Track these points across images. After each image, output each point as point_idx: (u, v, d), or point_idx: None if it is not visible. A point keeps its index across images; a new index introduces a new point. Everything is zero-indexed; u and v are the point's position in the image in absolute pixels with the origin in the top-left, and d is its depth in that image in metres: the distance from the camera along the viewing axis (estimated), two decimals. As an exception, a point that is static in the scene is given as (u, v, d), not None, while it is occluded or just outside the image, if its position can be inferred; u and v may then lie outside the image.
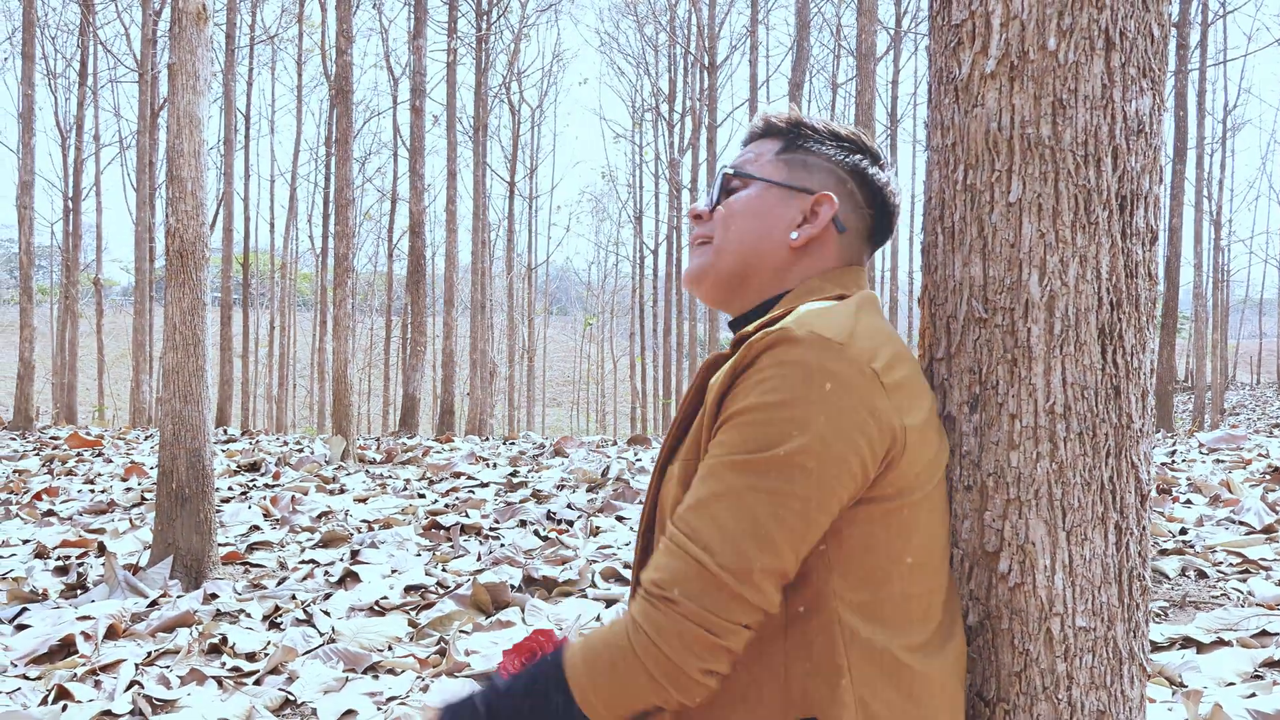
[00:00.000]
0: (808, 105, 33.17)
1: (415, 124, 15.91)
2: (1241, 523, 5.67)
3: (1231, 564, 4.89)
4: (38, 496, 8.12)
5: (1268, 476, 7.38)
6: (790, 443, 1.23)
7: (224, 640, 4.24)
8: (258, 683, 3.85)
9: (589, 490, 7.72)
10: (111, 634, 4.40)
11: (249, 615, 4.66)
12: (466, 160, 27.97)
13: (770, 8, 27.47)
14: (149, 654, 4.15)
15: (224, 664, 4.05)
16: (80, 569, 5.55)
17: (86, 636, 4.23)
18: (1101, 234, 1.38)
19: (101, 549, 6.01)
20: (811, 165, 1.53)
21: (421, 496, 7.87)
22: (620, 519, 6.63)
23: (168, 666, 4.04)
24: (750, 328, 1.40)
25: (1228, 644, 3.85)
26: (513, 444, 12.30)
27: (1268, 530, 5.47)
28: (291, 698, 3.67)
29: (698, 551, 1.24)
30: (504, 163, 33.99)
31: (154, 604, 4.90)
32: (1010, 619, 1.41)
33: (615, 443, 12.27)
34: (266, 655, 4.12)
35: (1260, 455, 8.80)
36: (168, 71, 5.58)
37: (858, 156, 1.55)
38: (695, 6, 27.87)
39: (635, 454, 10.28)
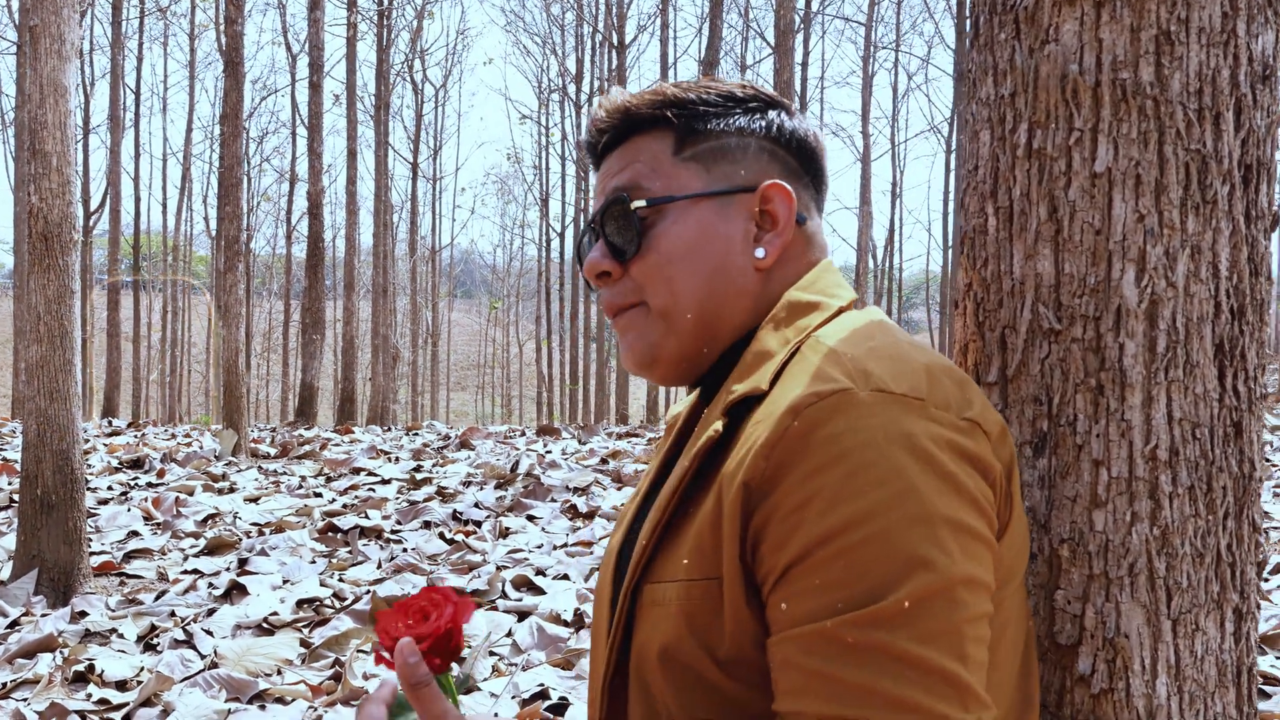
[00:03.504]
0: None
1: (314, 101, 15.34)
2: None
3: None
4: (-106, 499, 7.48)
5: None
6: (920, 574, 0.83)
7: (91, 668, 3.83)
8: (127, 718, 3.46)
9: (497, 487, 7.32)
10: (-38, 662, 3.96)
11: (122, 636, 4.28)
12: (368, 140, 27.47)
13: (679, -12, 27.10)
14: (4, 685, 3.75)
15: (90, 695, 3.65)
16: (-67, 584, 5.03)
17: (-70, 667, 3.79)
18: (1220, 216, 1.01)
19: (-41, 560, 5.48)
20: (732, 150, 1.10)
21: (318, 495, 7.40)
22: (532, 518, 6.26)
23: (25, 699, 3.63)
24: (745, 387, 0.99)
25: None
26: (416, 435, 11.85)
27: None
28: (164, 737, 3.28)
29: None
30: (407, 143, 33.36)
31: (14, 624, 4.49)
32: (1094, 737, 1.04)
33: (524, 433, 11.90)
34: (139, 684, 3.73)
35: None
36: (29, 35, 5.05)
37: (772, 113, 1.14)
38: (603, -15, 27.42)
39: (545, 446, 9.90)
